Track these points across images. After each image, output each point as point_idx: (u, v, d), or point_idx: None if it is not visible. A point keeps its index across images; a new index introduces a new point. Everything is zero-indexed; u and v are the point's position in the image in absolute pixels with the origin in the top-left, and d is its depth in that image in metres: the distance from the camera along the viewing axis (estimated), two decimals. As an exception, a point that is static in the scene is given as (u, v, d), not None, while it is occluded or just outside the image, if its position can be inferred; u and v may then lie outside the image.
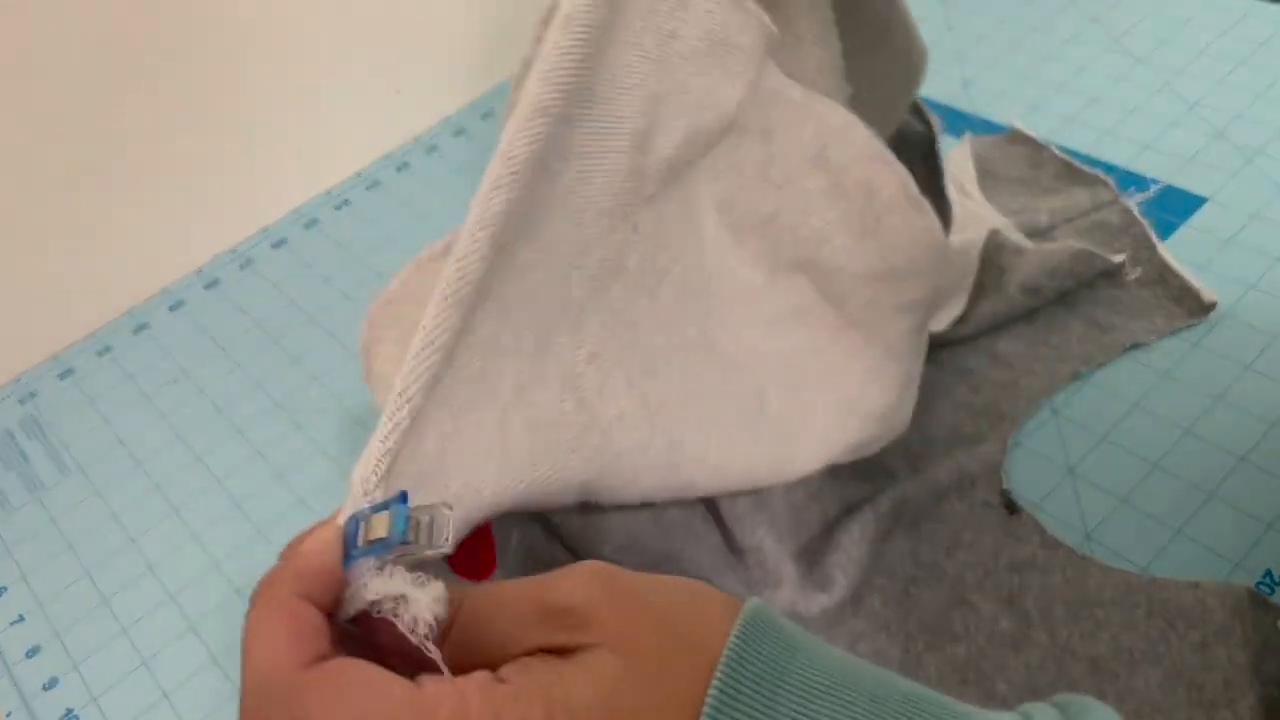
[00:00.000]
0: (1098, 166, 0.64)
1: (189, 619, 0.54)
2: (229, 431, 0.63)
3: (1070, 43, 0.74)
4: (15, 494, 0.63)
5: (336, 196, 0.79)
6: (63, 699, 0.52)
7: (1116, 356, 0.54)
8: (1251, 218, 0.59)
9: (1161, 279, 0.57)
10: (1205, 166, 0.63)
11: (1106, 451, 0.51)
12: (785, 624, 0.27)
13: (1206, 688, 0.41)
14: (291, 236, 0.76)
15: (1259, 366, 0.52)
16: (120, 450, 0.64)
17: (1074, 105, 0.69)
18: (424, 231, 0.74)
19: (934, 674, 0.45)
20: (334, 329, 0.68)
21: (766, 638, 0.26)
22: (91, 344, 0.72)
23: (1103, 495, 0.49)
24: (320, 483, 0.59)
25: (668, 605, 0.26)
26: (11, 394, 0.69)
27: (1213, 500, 0.48)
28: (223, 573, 0.56)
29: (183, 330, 0.71)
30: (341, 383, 0.64)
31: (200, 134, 0.72)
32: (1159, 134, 0.66)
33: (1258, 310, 0.55)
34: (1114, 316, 0.56)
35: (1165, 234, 0.59)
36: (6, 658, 0.55)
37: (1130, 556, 0.47)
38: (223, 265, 0.75)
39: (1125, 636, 0.44)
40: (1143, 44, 0.73)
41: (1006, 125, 0.68)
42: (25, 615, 0.56)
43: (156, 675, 0.52)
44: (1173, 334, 0.54)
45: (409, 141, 0.82)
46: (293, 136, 0.76)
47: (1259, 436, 0.49)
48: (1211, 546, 0.46)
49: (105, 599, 0.56)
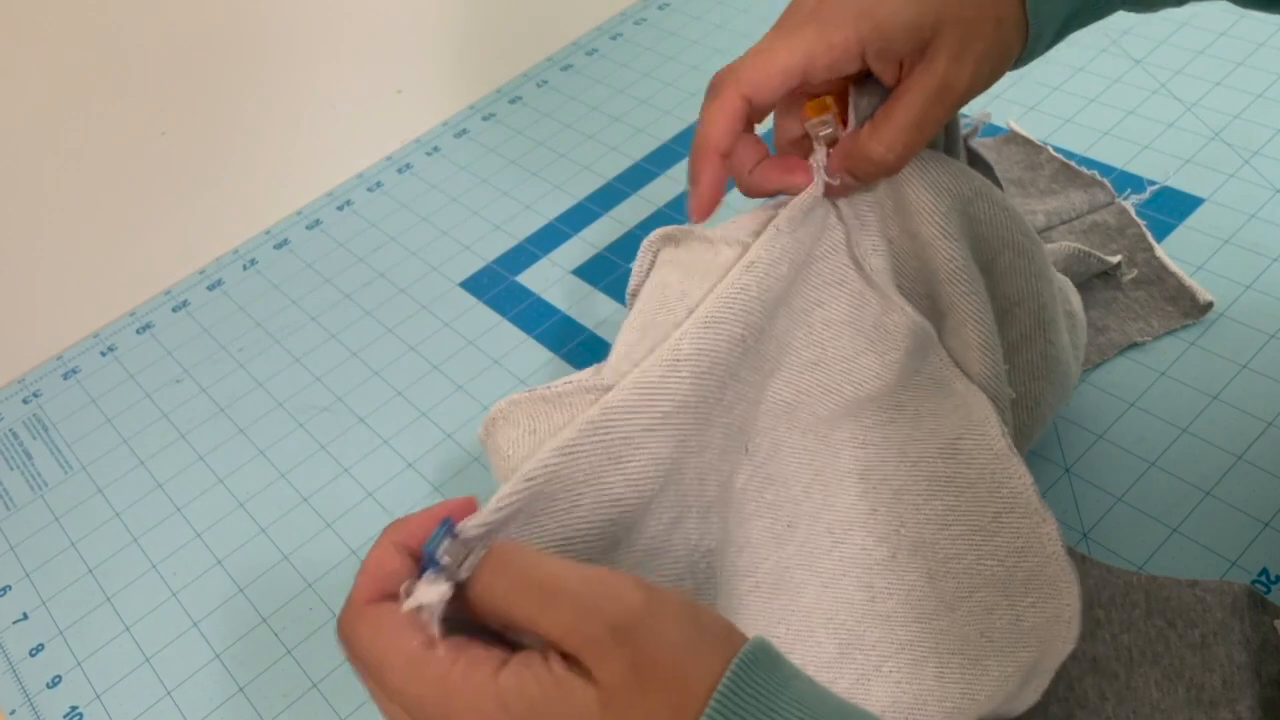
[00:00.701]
0: (1095, 167, 0.64)
1: (191, 617, 0.55)
2: (231, 431, 0.63)
3: (1068, 44, 0.74)
4: (19, 493, 0.63)
5: (339, 197, 0.79)
6: (66, 697, 0.53)
7: (1114, 356, 0.54)
8: (1248, 218, 0.59)
9: (1158, 279, 0.57)
10: (1202, 167, 0.63)
11: (1104, 450, 0.51)
12: (785, 663, 0.27)
13: (1206, 687, 0.41)
14: (294, 237, 0.76)
15: (1256, 366, 0.52)
16: (123, 449, 0.64)
17: (1071, 106, 0.70)
18: (425, 232, 0.74)
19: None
20: (336, 329, 0.68)
21: (763, 672, 0.26)
22: (95, 344, 0.72)
23: (1100, 494, 0.49)
24: (322, 482, 0.59)
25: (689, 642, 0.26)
26: (16, 393, 0.70)
27: (1209, 499, 0.48)
28: (225, 571, 0.56)
29: (186, 330, 0.71)
30: (343, 383, 0.65)
31: (203, 135, 0.72)
32: (1156, 135, 0.66)
33: (1254, 310, 0.55)
34: (1110, 318, 0.56)
35: (1162, 235, 0.60)
36: (10, 656, 0.55)
37: (1127, 555, 0.47)
38: (225, 266, 0.75)
39: (1124, 636, 0.44)
40: (1140, 45, 0.73)
41: (1004, 126, 0.69)
42: (29, 613, 0.57)
43: (159, 673, 0.53)
44: (1170, 334, 0.55)
45: (411, 143, 0.82)
46: (295, 138, 0.77)
47: (1255, 435, 0.50)
48: (1208, 545, 0.46)
49: (108, 597, 0.56)
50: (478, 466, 0.58)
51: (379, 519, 0.57)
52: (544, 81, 0.86)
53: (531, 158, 0.78)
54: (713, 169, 0.38)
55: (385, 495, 0.58)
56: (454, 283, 0.70)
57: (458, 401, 0.62)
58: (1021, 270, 0.43)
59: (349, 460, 0.60)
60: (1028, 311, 0.44)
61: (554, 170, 0.77)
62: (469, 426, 0.60)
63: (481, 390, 0.62)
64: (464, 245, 0.72)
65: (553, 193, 0.75)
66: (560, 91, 0.84)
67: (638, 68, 0.84)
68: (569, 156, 0.77)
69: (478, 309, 0.67)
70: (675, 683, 0.26)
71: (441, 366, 0.64)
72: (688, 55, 0.84)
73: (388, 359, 0.65)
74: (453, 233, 0.74)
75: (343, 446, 0.61)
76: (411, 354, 0.66)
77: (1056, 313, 0.45)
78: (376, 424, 0.62)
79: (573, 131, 0.80)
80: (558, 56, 0.88)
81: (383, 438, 0.61)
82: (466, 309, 0.68)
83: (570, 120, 0.81)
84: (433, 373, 0.64)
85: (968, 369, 0.41)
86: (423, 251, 0.73)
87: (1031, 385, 0.45)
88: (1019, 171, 0.66)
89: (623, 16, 0.90)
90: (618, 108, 0.81)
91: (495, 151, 0.80)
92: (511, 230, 0.73)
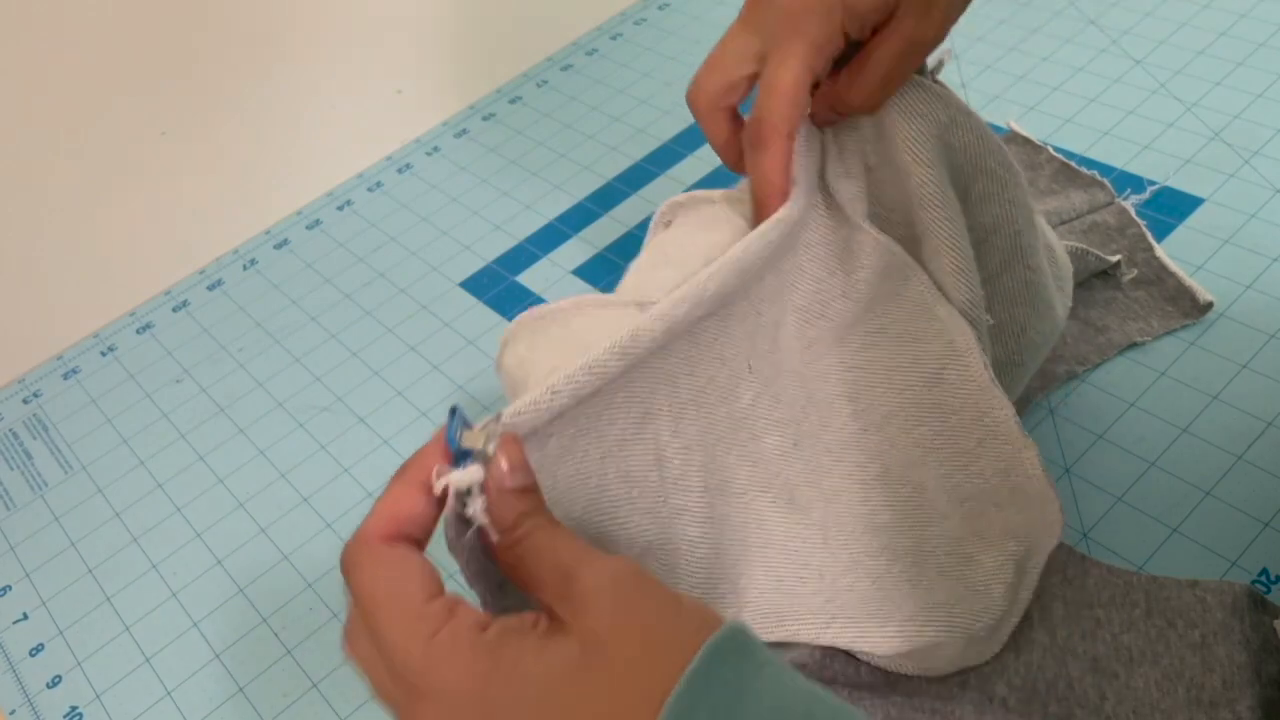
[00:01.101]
0: (1095, 167, 0.64)
1: (191, 617, 0.55)
2: (231, 431, 0.63)
3: (1068, 44, 0.75)
4: (19, 493, 0.63)
5: (339, 197, 0.79)
6: (66, 697, 0.53)
7: (1113, 356, 0.54)
8: (1248, 218, 0.59)
9: (1158, 279, 0.57)
10: (1202, 167, 0.63)
11: (1104, 450, 0.51)
12: (759, 650, 0.27)
13: (1206, 687, 0.41)
14: (294, 237, 0.76)
15: (1256, 366, 0.52)
16: (123, 449, 0.64)
17: (1072, 106, 0.70)
18: (425, 232, 0.74)
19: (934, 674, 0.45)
20: (336, 329, 0.68)
21: (734, 658, 0.26)
22: (95, 344, 0.72)
23: (1100, 494, 0.49)
24: (322, 482, 0.59)
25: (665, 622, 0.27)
26: (16, 393, 0.70)
27: (1209, 499, 0.48)
28: (225, 571, 0.56)
29: (186, 330, 0.71)
30: (343, 383, 0.65)
31: (203, 136, 0.72)
32: (1156, 135, 0.66)
33: (1254, 310, 0.55)
34: (1110, 318, 0.56)
35: (1162, 235, 0.60)
36: (10, 656, 0.55)
37: (1127, 555, 0.47)
38: (225, 266, 0.75)
39: (1125, 636, 0.44)
40: (1140, 45, 0.73)
41: (1004, 126, 0.69)
42: (29, 613, 0.57)
43: (159, 673, 0.53)
44: (1170, 334, 0.55)
45: (411, 143, 0.82)
46: (295, 138, 0.77)
47: (1255, 435, 0.50)
48: (1208, 545, 0.46)
49: (108, 597, 0.56)
50: (478, 466, 0.58)
51: (379, 519, 0.57)
52: (544, 81, 0.86)
53: (531, 158, 0.78)
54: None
55: (385, 495, 0.58)
56: (454, 283, 0.70)
57: (458, 401, 0.62)
58: (996, 197, 0.43)
59: (349, 460, 0.60)
60: (1005, 238, 0.44)
61: (554, 170, 0.77)
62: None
63: (481, 390, 0.62)
64: (464, 245, 0.72)
65: (553, 193, 0.75)
66: (560, 91, 0.84)
67: (638, 68, 0.84)
68: (569, 156, 0.78)
69: (478, 309, 0.67)
70: (653, 650, 0.26)
71: (441, 366, 0.64)
72: (688, 55, 0.84)
73: (388, 359, 0.65)
74: (453, 233, 0.74)
75: (343, 446, 0.61)
76: (411, 354, 0.66)
77: (1035, 240, 0.46)
78: (376, 424, 0.62)
79: (573, 131, 0.80)
80: (558, 56, 0.88)
81: (383, 438, 0.61)
82: (466, 309, 0.68)
83: (570, 120, 0.81)
84: (433, 373, 0.64)
85: (948, 295, 0.42)
86: (423, 251, 0.73)
87: (1015, 312, 0.46)
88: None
89: (623, 16, 0.90)
90: (618, 108, 0.81)
91: (495, 151, 0.80)
92: (511, 230, 0.73)
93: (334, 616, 0.53)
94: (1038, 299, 0.46)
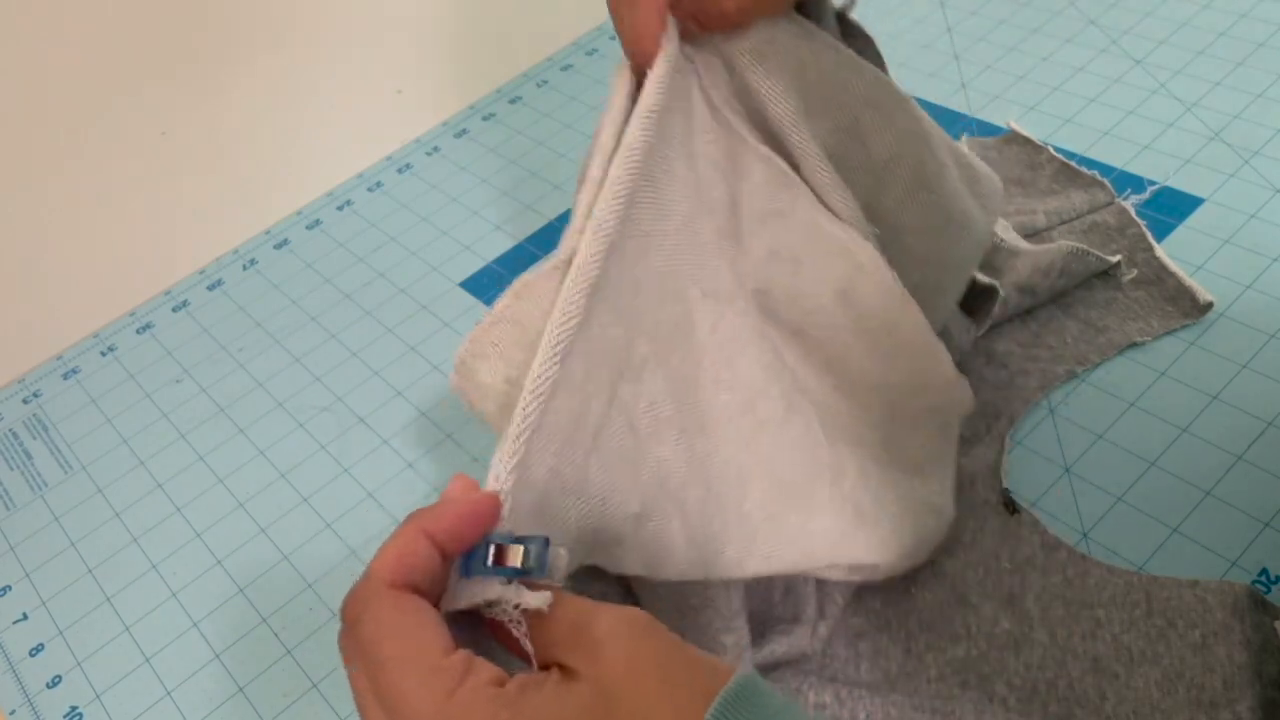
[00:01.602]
0: (1095, 167, 0.64)
1: (191, 617, 0.55)
2: (231, 431, 0.63)
3: (1068, 44, 0.75)
4: (19, 493, 0.63)
5: (338, 197, 0.79)
6: (66, 697, 0.53)
7: (1113, 356, 0.54)
8: (1248, 218, 0.59)
9: (1158, 279, 0.57)
10: (1202, 167, 0.63)
11: (1104, 450, 0.51)
12: (772, 697, 0.27)
13: (1206, 687, 0.41)
14: (294, 237, 0.76)
15: (1255, 366, 0.52)
16: (123, 449, 0.64)
17: (1072, 106, 0.70)
18: (425, 232, 0.74)
19: (934, 674, 0.45)
20: (336, 330, 0.68)
21: (747, 707, 0.26)
22: (95, 344, 0.72)
23: (1100, 494, 0.49)
24: (322, 482, 0.59)
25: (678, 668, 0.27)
26: (16, 393, 0.70)
27: (1209, 499, 0.48)
28: (225, 571, 0.56)
29: (186, 330, 0.71)
30: (343, 383, 0.65)
31: (203, 135, 0.72)
32: (1156, 135, 0.66)
33: (1254, 310, 0.55)
34: (1109, 318, 0.56)
35: (1162, 235, 0.60)
36: (10, 656, 0.55)
37: (1127, 555, 0.47)
38: (225, 266, 0.75)
39: (1125, 636, 0.44)
40: (1140, 46, 0.73)
41: (1004, 126, 0.69)
42: (28, 614, 0.57)
43: (159, 673, 0.53)
44: (1170, 334, 0.55)
45: (411, 143, 0.82)
46: (295, 138, 0.77)
47: (1255, 435, 0.50)
48: (1208, 545, 0.46)
49: (108, 597, 0.56)
50: (478, 467, 0.58)
51: (379, 519, 0.57)
52: (544, 81, 0.86)
53: (531, 158, 0.78)
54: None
55: (385, 495, 0.58)
56: (454, 283, 0.70)
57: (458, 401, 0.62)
58: (883, 128, 0.43)
59: (349, 460, 0.60)
60: (906, 168, 0.44)
61: (554, 170, 0.77)
62: (470, 427, 0.60)
63: (481, 390, 0.62)
64: (464, 245, 0.72)
65: (552, 193, 0.75)
66: (560, 91, 0.84)
67: (638, 68, 0.84)
68: (569, 156, 0.78)
69: (478, 309, 0.67)
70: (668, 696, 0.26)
71: (441, 366, 0.64)
72: (688, 55, 0.84)
73: (388, 359, 0.65)
74: (453, 233, 0.74)
75: (343, 446, 0.61)
76: (411, 354, 0.66)
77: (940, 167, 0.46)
78: (376, 424, 0.62)
79: (573, 132, 0.80)
80: (558, 56, 0.88)
81: (382, 438, 0.61)
82: (466, 309, 0.68)
83: (570, 120, 0.81)
84: (432, 373, 0.64)
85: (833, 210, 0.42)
86: (423, 251, 0.73)
87: (926, 238, 0.46)
88: (1020, 171, 0.66)
89: (623, 16, 0.90)
90: (618, 108, 0.81)
91: (495, 151, 0.80)
92: (511, 230, 0.73)
93: (334, 616, 0.53)
94: (950, 222, 0.46)
